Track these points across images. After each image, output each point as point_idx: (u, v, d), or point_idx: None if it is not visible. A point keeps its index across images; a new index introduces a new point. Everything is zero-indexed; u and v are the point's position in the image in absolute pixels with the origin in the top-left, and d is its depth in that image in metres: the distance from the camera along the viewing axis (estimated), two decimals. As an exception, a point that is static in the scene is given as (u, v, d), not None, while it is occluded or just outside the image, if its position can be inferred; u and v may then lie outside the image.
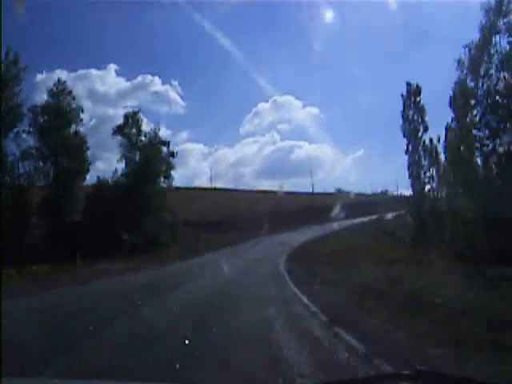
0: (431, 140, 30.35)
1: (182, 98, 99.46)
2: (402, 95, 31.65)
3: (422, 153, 30.68)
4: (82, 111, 35.44)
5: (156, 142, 42.11)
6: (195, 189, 73.24)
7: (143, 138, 41.78)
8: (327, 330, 7.60)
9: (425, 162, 30.52)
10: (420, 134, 31.14)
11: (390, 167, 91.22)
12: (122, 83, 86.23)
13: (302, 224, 56.44)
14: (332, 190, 78.89)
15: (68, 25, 75.16)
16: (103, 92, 77.65)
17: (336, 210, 64.12)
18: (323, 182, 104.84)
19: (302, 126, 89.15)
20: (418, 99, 31.46)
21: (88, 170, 37.03)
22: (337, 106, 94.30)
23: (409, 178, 32.30)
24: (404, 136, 31.27)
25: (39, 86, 52.31)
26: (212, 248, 37.24)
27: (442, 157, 29.64)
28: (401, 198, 68.42)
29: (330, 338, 6.93)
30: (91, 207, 34.05)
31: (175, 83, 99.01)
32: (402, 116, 31.47)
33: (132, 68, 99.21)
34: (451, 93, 29.20)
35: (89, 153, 35.26)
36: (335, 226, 53.43)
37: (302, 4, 66.20)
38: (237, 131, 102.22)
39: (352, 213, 59.38)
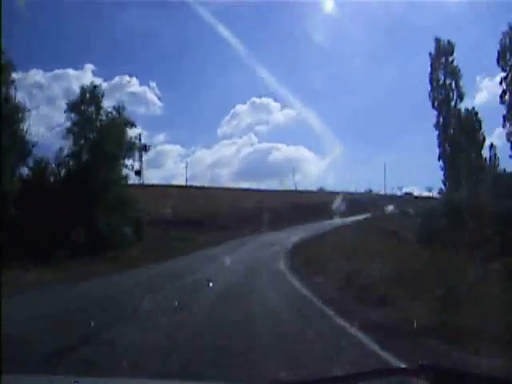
0: (469, 110, 23.57)
1: (159, 99, 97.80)
2: (430, 54, 24.80)
3: (457, 127, 23.85)
4: (14, 69, 27.10)
5: (120, 123, 34.25)
6: (171, 186, 65.94)
7: (104, 118, 33.93)
8: None
9: (462, 139, 23.61)
10: (453, 103, 24.42)
11: (371, 168, 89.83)
12: (99, 83, 78.96)
13: (289, 223, 49.18)
14: (314, 189, 74.20)
15: (44, 24, 70.96)
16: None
17: (325, 208, 58.49)
18: (301, 184, 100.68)
19: (279, 128, 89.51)
20: (451, 59, 24.67)
21: (30, 153, 29.01)
22: (315, 109, 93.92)
23: (439, 159, 25.56)
24: (433, 106, 24.46)
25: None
26: (187, 250, 29.73)
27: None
28: (386, 197, 63.33)
29: None
30: (27, 196, 26.04)
31: (153, 84, 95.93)
32: (430, 81, 24.61)
33: (109, 68, 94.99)
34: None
35: (24, 126, 27.03)
36: (328, 224, 46.94)
37: (281, 5, 66.15)
38: (214, 133, 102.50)
39: (340, 211, 52.82)
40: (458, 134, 23.27)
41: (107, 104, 33.58)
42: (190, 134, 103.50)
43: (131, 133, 34.38)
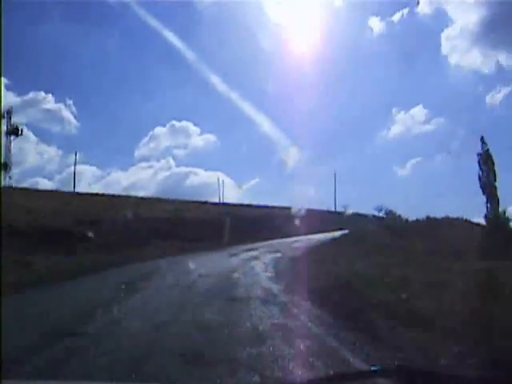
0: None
1: (75, 117, 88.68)
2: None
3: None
4: None
5: None
6: (57, 192, 45.10)
7: None
8: None
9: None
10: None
11: (290, 195, 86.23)
12: (12, 98, 73.25)
13: (229, 239, 30.00)
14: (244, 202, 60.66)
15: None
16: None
17: (272, 223, 42.41)
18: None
19: (198, 153, 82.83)
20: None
21: None
22: (234, 135, 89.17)
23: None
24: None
25: None
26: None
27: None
28: (317, 214, 50.25)
29: None
30: None
31: (70, 102, 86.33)
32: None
33: (23, 83, 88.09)
34: None
35: None
36: (294, 242, 29.23)
37: (201, 25, 62.68)
38: (132, 155, 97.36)
39: (296, 226, 37.00)
40: None
41: (19, 120, 15.54)
42: (106, 155, 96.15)
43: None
